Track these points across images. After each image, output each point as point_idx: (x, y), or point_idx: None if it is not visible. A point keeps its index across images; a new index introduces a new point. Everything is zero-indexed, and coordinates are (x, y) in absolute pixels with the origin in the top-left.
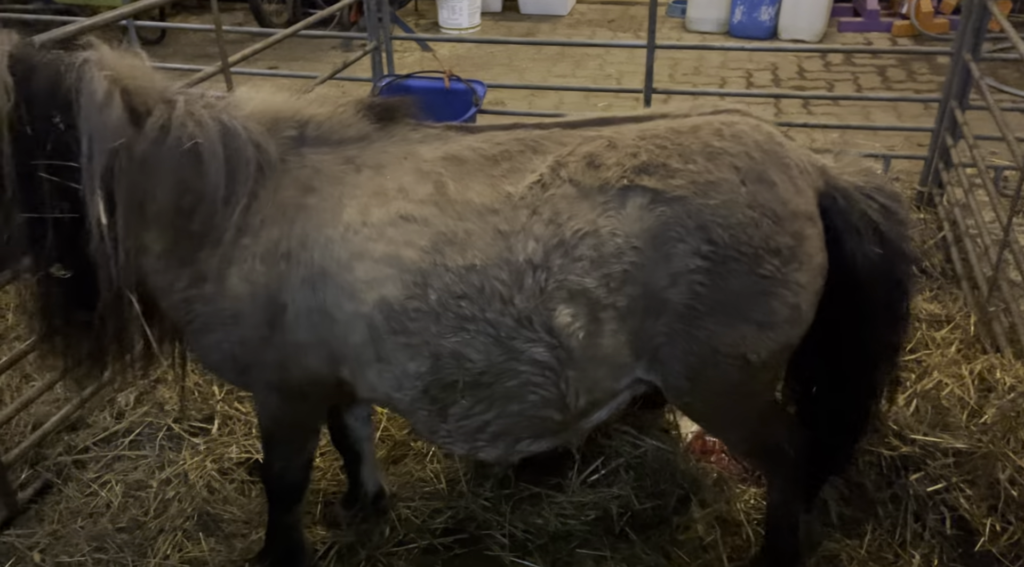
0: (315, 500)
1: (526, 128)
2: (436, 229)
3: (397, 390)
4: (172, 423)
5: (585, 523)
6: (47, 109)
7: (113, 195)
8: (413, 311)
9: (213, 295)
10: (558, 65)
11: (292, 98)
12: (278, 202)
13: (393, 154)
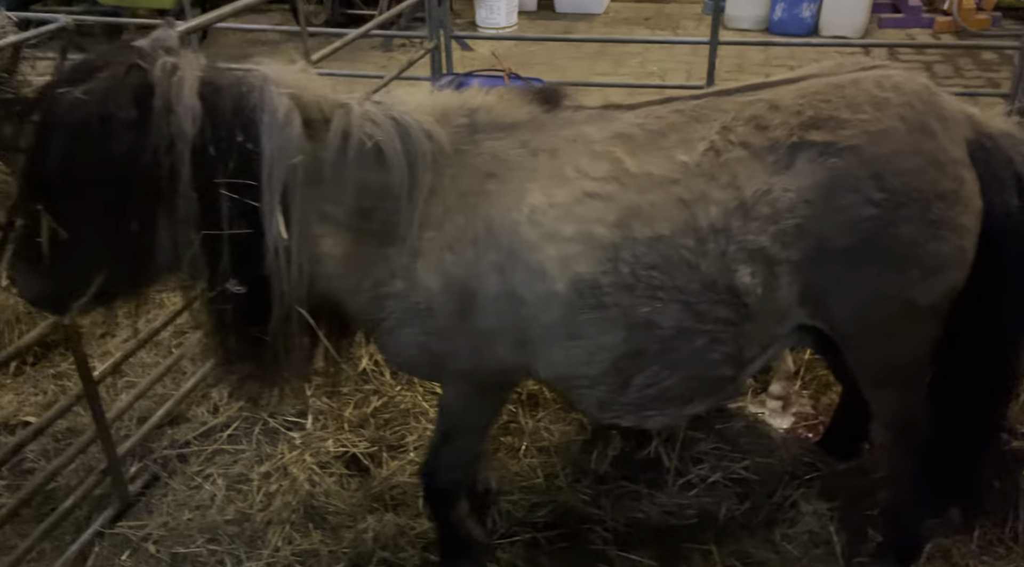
0: (414, 493)
1: (681, 100)
2: (621, 204)
3: (586, 365)
4: (268, 417)
5: (688, 519)
6: (231, 129)
7: (289, 210)
8: (608, 285)
9: (404, 290)
10: (598, 63)
11: (455, 93)
12: (459, 190)
13: (563, 137)
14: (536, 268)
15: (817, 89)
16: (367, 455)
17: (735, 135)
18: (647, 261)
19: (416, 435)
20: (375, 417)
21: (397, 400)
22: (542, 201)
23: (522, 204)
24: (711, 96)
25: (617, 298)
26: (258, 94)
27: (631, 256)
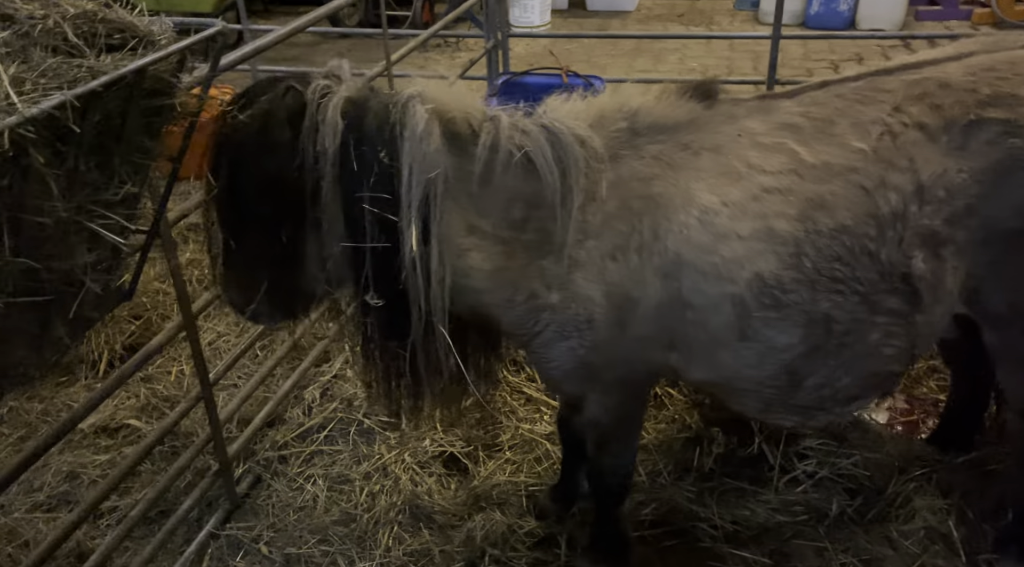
0: (516, 492)
1: (837, 83)
2: (803, 196)
3: (755, 368)
4: (363, 418)
5: (797, 516)
6: (372, 145)
7: (428, 224)
8: (789, 282)
9: (562, 302)
10: (637, 60)
11: (612, 96)
12: (620, 196)
13: (726, 133)
14: (708, 271)
15: (988, 65)
16: (464, 454)
17: (908, 116)
18: (830, 253)
19: (509, 434)
20: (466, 417)
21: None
22: (713, 201)
23: (690, 206)
24: (869, 76)
25: (798, 295)
26: (400, 110)
27: (814, 250)
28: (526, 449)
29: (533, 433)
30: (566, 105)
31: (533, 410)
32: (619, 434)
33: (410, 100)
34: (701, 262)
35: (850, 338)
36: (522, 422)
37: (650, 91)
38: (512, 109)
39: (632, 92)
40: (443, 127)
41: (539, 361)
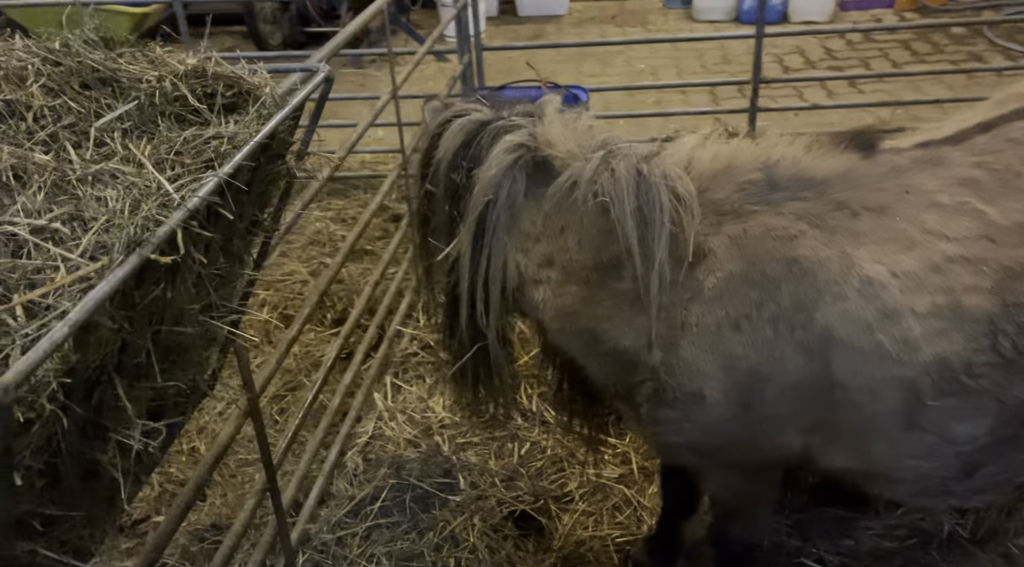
0: (603, 547)
1: (997, 123)
2: (999, 265)
3: (921, 459)
4: (416, 481)
5: (905, 540)
6: (466, 168)
7: (481, 242)
8: (980, 365)
9: (665, 366)
10: (584, 65)
11: (753, 142)
12: (748, 257)
13: (891, 190)
14: (871, 351)
15: None
16: (536, 510)
17: None
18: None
19: (576, 483)
20: (524, 467)
21: (542, 445)
22: (880, 271)
23: (849, 276)
24: (1015, 114)
25: (990, 379)
26: (491, 137)
27: (1014, 326)
28: (600, 498)
29: (602, 478)
30: (686, 148)
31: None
32: (748, 508)
33: (512, 128)
34: (861, 341)
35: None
36: (587, 467)
37: (798, 140)
38: (622, 148)
39: (776, 139)
40: (532, 156)
41: (644, 422)
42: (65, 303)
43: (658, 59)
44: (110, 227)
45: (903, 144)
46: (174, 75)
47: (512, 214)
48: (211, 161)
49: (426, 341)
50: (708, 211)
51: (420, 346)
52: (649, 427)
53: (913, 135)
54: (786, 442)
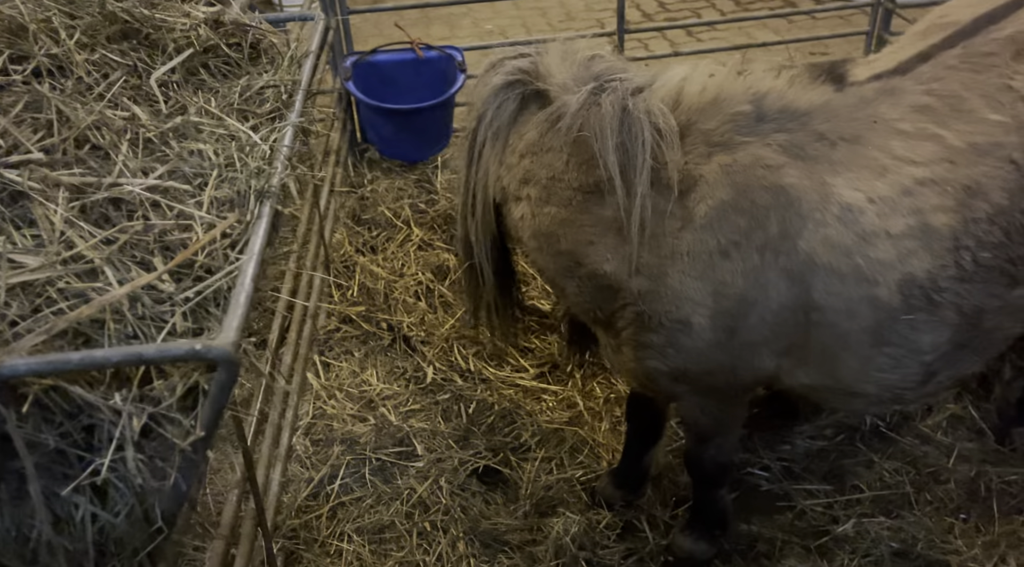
0: (570, 489)
1: (932, 52)
2: (959, 184)
3: (886, 371)
4: (371, 454)
5: (833, 439)
6: None
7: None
8: (944, 279)
9: (650, 293)
10: (432, 28)
11: (738, 76)
12: (738, 185)
13: (862, 120)
14: (849, 273)
15: None
16: (498, 463)
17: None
18: (989, 241)
19: (530, 432)
20: (475, 426)
21: (488, 402)
22: (858, 197)
23: (829, 203)
24: (956, 42)
25: (952, 293)
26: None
27: (973, 241)
28: (555, 442)
29: (553, 424)
30: (675, 80)
31: (534, 400)
32: (720, 431)
33: (517, 56)
34: (840, 265)
35: (997, 325)
36: (537, 415)
37: (781, 73)
38: (623, 77)
39: (762, 73)
40: (527, 82)
41: (624, 346)
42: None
43: (503, 20)
44: (222, 181)
45: (860, 77)
46: (203, 23)
47: (497, 130)
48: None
49: (346, 314)
50: (698, 141)
51: (340, 320)
52: (630, 352)
53: (857, 68)
54: (762, 365)
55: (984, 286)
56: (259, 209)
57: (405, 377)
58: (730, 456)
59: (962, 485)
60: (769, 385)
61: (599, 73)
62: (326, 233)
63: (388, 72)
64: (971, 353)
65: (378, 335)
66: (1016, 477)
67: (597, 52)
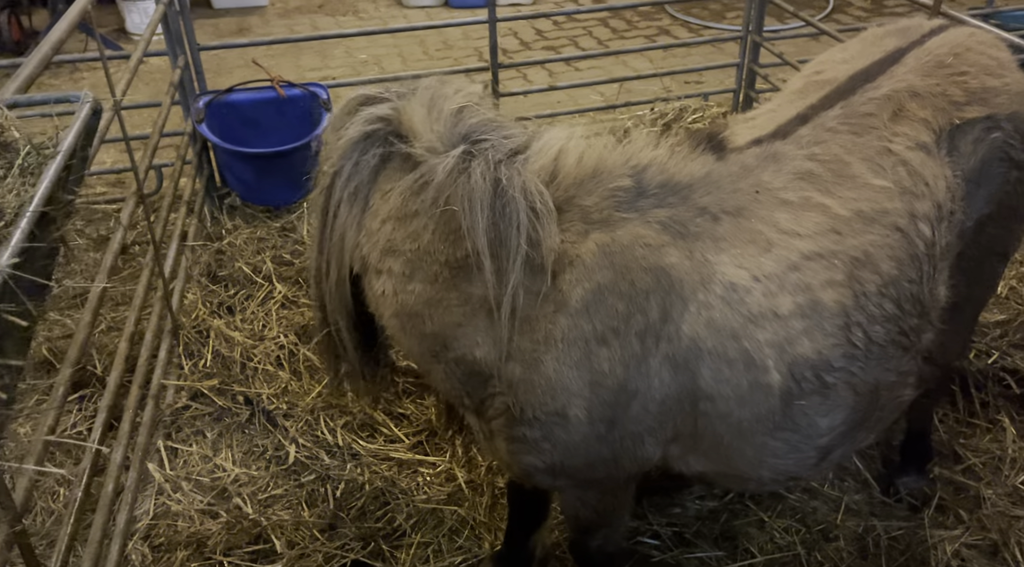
0: None
1: (811, 114)
2: (847, 256)
3: (782, 457)
4: (222, 558)
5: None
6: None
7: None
8: (837, 359)
9: (525, 382)
10: (302, 58)
11: (618, 146)
12: (616, 268)
13: (745, 191)
14: (737, 358)
15: (937, 62)
16: (370, 555)
17: (907, 138)
18: (880, 314)
19: (404, 514)
20: (344, 511)
21: (358, 481)
22: (743, 276)
23: (712, 283)
24: (834, 102)
25: (847, 372)
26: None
27: (864, 316)
28: (433, 524)
29: (430, 503)
30: (552, 149)
31: (410, 475)
32: (605, 522)
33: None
34: (726, 349)
35: (891, 397)
36: (412, 493)
37: (662, 141)
38: (487, 144)
39: (642, 143)
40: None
41: (492, 447)
42: None
43: (379, 48)
44: None
45: (738, 142)
46: None
47: (355, 190)
48: None
49: (196, 389)
50: (576, 218)
51: (190, 396)
52: (502, 444)
53: (732, 129)
54: (647, 455)
55: (879, 362)
56: None
57: (265, 457)
58: (618, 544)
59: (851, 542)
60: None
61: (469, 131)
62: (175, 295)
63: (248, 112)
64: (867, 430)
65: (234, 411)
66: (902, 531)
67: (466, 103)
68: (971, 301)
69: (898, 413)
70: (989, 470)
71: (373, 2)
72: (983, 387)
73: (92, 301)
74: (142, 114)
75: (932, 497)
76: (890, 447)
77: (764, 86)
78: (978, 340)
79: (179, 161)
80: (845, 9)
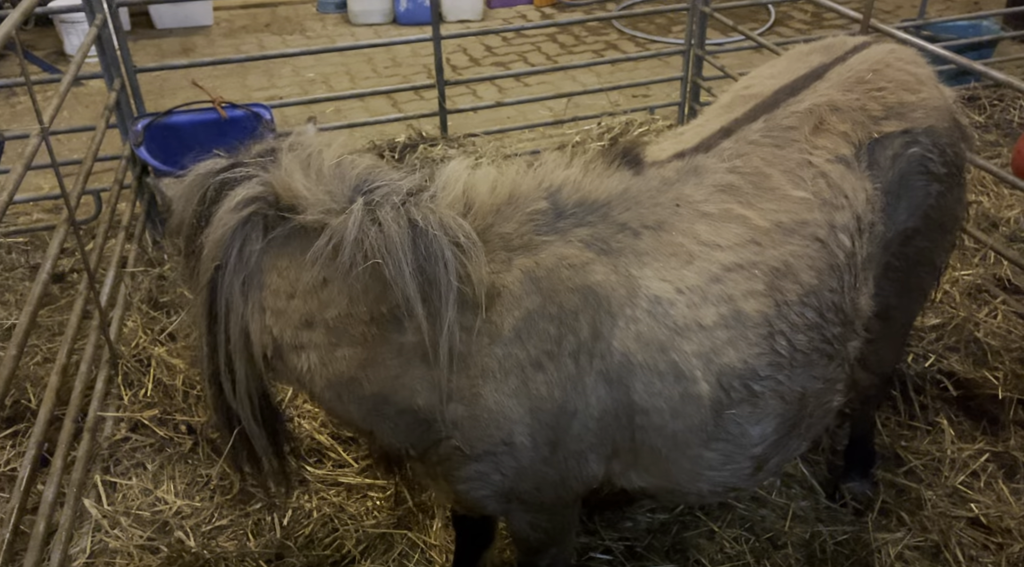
0: None
1: (735, 127)
2: (767, 267)
3: (717, 468)
4: None
5: (673, 511)
6: (197, 221)
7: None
8: (763, 367)
9: (469, 419)
10: (248, 78)
11: (529, 169)
12: (544, 290)
13: (665, 204)
14: (667, 371)
15: (857, 78)
16: None
17: (826, 152)
18: (802, 322)
19: (353, 540)
20: (291, 539)
21: (305, 508)
22: (666, 289)
23: (637, 297)
24: (762, 115)
25: (772, 380)
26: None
27: (787, 324)
28: (383, 549)
29: (380, 527)
30: (459, 182)
31: (359, 499)
32: (553, 542)
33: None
34: (656, 362)
35: (819, 404)
36: (362, 518)
37: (574, 160)
38: (387, 190)
39: (554, 164)
40: (269, 211)
41: (445, 480)
42: None
43: (326, 67)
44: None
45: (662, 156)
46: None
47: (248, 277)
48: None
49: (136, 420)
50: (497, 247)
51: (130, 428)
52: (452, 485)
53: (663, 145)
54: (591, 472)
55: (804, 370)
56: None
57: (209, 488)
58: (566, 563)
59: (799, 548)
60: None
61: (358, 183)
62: (114, 324)
63: (188, 134)
64: (798, 438)
65: (176, 440)
66: (847, 536)
67: (341, 155)
68: (901, 310)
69: (828, 419)
70: (929, 472)
71: (321, 20)
72: (922, 390)
73: (18, 333)
74: (81, 138)
75: (876, 500)
76: (834, 452)
77: (708, 99)
78: (915, 344)
79: (116, 185)
80: (786, 22)
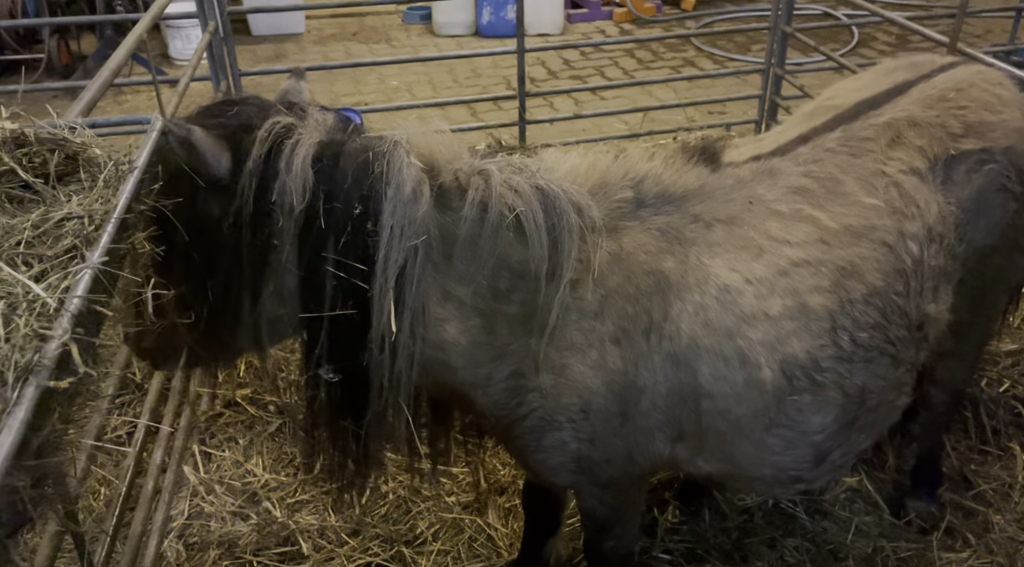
0: None
1: (812, 135)
2: (834, 265)
3: (779, 454)
4: (251, 557)
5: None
6: (348, 202)
7: (403, 295)
8: (825, 359)
9: (554, 387)
10: (336, 84)
11: (616, 159)
12: (624, 272)
13: (737, 201)
14: (732, 356)
15: (939, 96)
16: (391, 558)
17: (901, 163)
18: (866, 321)
19: (426, 522)
20: (368, 516)
21: (382, 490)
22: (735, 279)
23: (707, 285)
24: (837, 125)
25: (833, 372)
26: (384, 162)
27: (850, 321)
28: (453, 532)
29: (452, 512)
30: (564, 164)
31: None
32: (619, 521)
33: (396, 149)
34: (722, 347)
35: (881, 402)
36: (430, 502)
37: (656, 154)
38: (503, 162)
39: (638, 156)
40: (431, 182)
41: (523, 450)
42: None
43: (409, 75)
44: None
45: (739, 158)
46: None
47: (428, 252)
48: (74, 248)
49: (230, 398)
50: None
51: (225, 405)
52: (532, 454)
53: (740, 148)
54: (658, 451)
55: (865, 366)
56: (20, 393)
57: (294, 464)
58: (630, 546)
59: (860, 562)
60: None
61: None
62: None
63: None
64: (859, 432)
65: (265, 419)
66: (911, 553)
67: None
68: (974, 327)
69: (893, 418)
70: (999, 496)
71: (406, 30)
72: (995, 415)
73: None
74: None
75: (941, 520)
76: (901, 472)
77: (786, 118)
78: (990, 369)
79: None
80: (870, 43)
